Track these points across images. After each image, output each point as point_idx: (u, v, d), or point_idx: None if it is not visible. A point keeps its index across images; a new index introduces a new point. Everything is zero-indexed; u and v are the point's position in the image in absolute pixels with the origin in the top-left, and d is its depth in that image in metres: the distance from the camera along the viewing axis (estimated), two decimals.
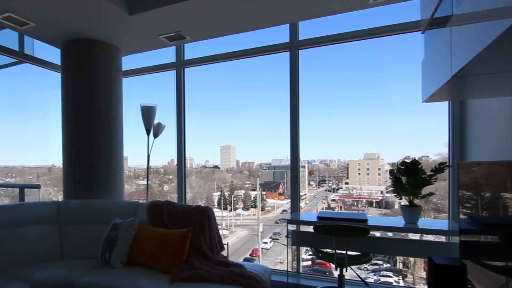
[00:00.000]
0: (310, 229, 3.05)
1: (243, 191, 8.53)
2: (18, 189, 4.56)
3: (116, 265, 2.67)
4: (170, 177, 8.25)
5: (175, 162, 4.37)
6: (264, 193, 8.22)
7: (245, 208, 8.43)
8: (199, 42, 3.84)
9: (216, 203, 8.34)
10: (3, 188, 4.84)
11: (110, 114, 3.80)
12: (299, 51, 3.66)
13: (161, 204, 3.15)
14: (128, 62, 4.33)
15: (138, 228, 2.86)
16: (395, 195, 2.82)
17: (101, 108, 3.74)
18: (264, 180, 8.30)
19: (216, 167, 8.69)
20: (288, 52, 3.67)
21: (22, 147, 5.56)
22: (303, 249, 4.02)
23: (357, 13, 3.10)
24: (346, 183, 7.05)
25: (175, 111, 4.29)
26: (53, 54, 4.15)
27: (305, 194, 7.49)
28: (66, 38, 3.69)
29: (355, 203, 6.79)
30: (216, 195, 8.48)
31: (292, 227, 3.28)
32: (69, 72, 3.78)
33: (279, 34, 3.67)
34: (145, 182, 4.15)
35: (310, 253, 6.14)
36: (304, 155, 3.72)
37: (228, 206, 8.33)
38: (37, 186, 4.65)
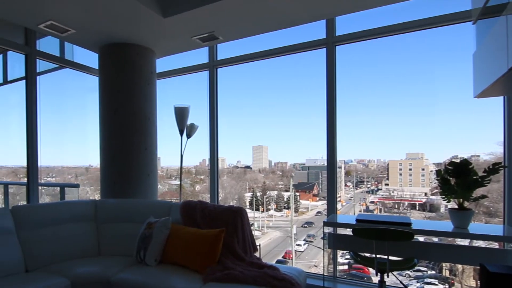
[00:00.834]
0: (348, 232, 3.01)
1: (275, 192, 8.56)
2: (58, 188, 4.94)
3: (151, 263, 2.80)
4: (202, 177, 8.47)
5: (207, 163, 4.49)
6: (297, 194, 8.19)
7: (278, 209, 8.45)
8: (231, 42, 3.92)
9: (248, 204, 8.45)
10: (45, 187, 5.23)
11: (144, 115, 4.00)
12: (336, 47, 3.60)
13: (194, 204, 3.26)
14: (162, 64, 4.55)
15: (171, 227, 2.98)
16: (442, 198, 2.70)
17: (136, 110, 3.95)
18: (298, 180, 8.27)
19: (248, 167, 8.80)
20: (325, 49, 3.63)
21: (61, 148, 5.99)
22: (339, 253, 3.96)
23: (398, 5, 3.01)
24: (386, 184, 6.82)
25: (207, 112, 4.42)
26: (91, 59, 4.48)
27: (339, 196, 7.37)
28: (103, 43, 3.93)
29: (396, 206, 6.56)
30: (248, 195, 8.58)
31: (328, 230, 3.25)
32: (106, 75, 4.02)
33: (315, 30, 3.65)
34: (177, 182, 4.30)
35: (347, 257, 6.06)
36: (341, 155, 3.67)
37: (260, 207, 8.40)
38: (76, 186, 5.01)
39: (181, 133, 4.16)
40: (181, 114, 4.11)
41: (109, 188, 3.93)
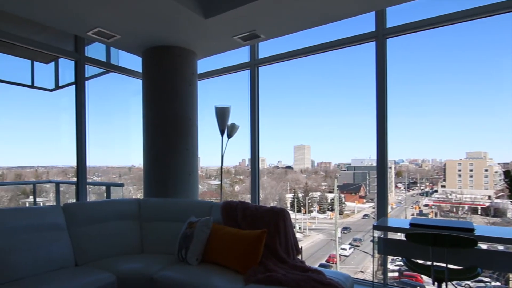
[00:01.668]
0: (399, 236, 2.87)
1: (318, 193, 8.42)
2: (104, 187, 5.29)
3: (192, 262, 2.89)
4: (241, 177, 8.58)
5: (247, 163, 4.54)
6: (342, 195, 7.99)
7: (321, 211, 8.31)
8: (273, 40, 3.94)
9: (289, 205, 8.40)
10: (91, 186, 5.62)
11: (186, 116, 4.16)
12: (387, 40, 3.45)
13: (235, 204, 3.30)
14: (202, 65, 4.68)
15: (212, 227, 3.04)
16: (511, 201, 2.48)
17: (178, 111, 4.11)
18: (343, 181, 8.06)
19: (289, 167, 8.75)
20: (374, 42, 3.50)
21: (107, 148, 6.40)
22: (388, 259, 3.80)
23: None
24: (443, 186, 6.41)
25: (248, 111, 4.47)
26: (134, 63, 4.77)
27: (389, 198, 7.04)
28: (147, 46, 4.15)
29: (454, 210, 6.14)
30: (289, 196, 8.54)
31: (377, 234, 3.13)
32: (149, 78, 4.24)
33: (362, 23, 3.54)
34: (216, 182, 4.40)
35: (398, 263, 5.79)
36: (391, 155, 3.52)
37: (302, 208, 8.32)
38: (121, 185, 5.32)
39: (222, 133, 4.26)
40: (222, 114, 4.21)
41: (151, 187, 4.14)
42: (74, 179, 4.36)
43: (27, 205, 5.86)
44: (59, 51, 4.15)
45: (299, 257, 3.03)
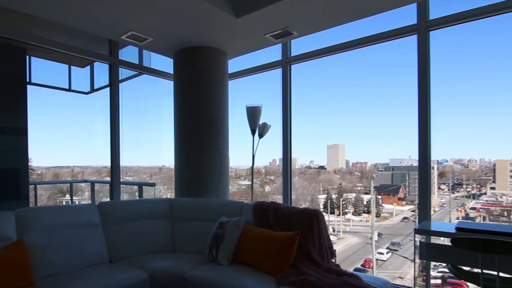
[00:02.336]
0: (442, 241, 2.76)
1: (353, 194, 8.23)
2: (136, 186, 5.52)
3: (223, 262, 2.93)
4: (272, 177, 8.57)
5: (277, 163, 4.55)
6: (379, 197, 7.76)
7: (356, 213, 8.12)
8: (305, 37, 3.90)
9: (321, 206, 8.29)
10: (123, 185, 5.87)
11: (217, 116, 4.25)
12: (430, 32, 3.31)
13: (266, 204, 3.32)
14: (232, 64, 4.74)
15: (243, 227, 3.07)
16: None
17: (208, 112, 4.21)
18: (380, 182, 7.82)
19: (322, 167, 8.61)
20: (416, 35, 3.37)
21: (138, 149, 6.66)
22: (430, 265, 3.66)
23: None
24: (492, 188, 6.05)
25: (280, 110, 4.47)
26: (166, 64, 4.95)
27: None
28: (178, 48, 4.27)
29: (506, 214, 5.77)
30: (321, 197, 8.42)
31: (419, 238, 3.02)
32: (180, 79, 4.36)
33: (401, 16, 3.42)
34: (246, 182, 4.45)
35: (440, 269, 5.53)
36: (434, 154, 3.38)
37: (335, 210, 8.18)
38: (153, 185, 5.55)
39: (253, 133, 4.30)
40: (253, 113, 4.25)
41: (182, 187, 4.27)
42: (107, 178, 4.59)
43: (63, 203, 6.23)
44: (94, 55, 4.41)
45: (334, 260, 2.99)
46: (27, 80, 5.09)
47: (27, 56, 5.05)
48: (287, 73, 4.43)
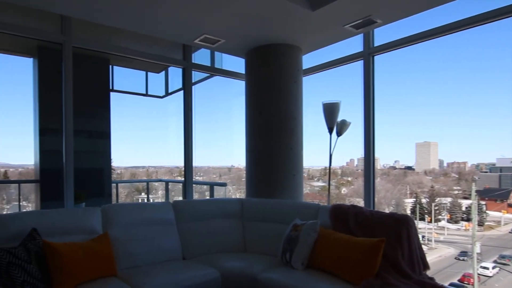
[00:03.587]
0: None
1: (449, 199, 7.57)
2: (205, 186, 5.83)
3: (297, 267, 2.91)
4: (349, 179, 8.27)
5: (355, 163, 4.40)
6: (483, 203, 7.00)
7: (453, 220, 7.46)
8: (389, 25, 3.72)
9: (408, 211, 7.78)
10: (194, 185, 6.24)
11: (290, 114, 4.27)
12: None
13: (346, 208, 3.21)
14: (306, 60, 4.70)
15: (320, 231, 3.02)
16: None
17: (282, 110, 4.26)
18: (484, 186, 7.04)
19: (409, 168, 8.04)
20: None
21: (208, 149, 7.01)
22: None
23: None
24: None
25: (361, 106, 4.24)
26: (237, 65, 5.18)
27: None
28: (250, 47, 4.41)
29: None
30: (408, 202, 7.91)
31: None
32: (252, 78, 4.50)
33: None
34: (320, 184, 4.38)
35: None
36: None
37: (426, 216, 7.61)
38: (224, 184, 5.83)
39: (330, 131, 4.21)
40: (330, 110, 4.15)
41: (254, 187, 4.38)
42: (178, 178, 4.93)
43: (139, 201, 6.87)
44: (170, 60, 4.81)
45: (426, 272, 2.77)
46: (110, 88, 5.81)
47: (110, 66, 5.77)
48: (370, 65, 4.22)
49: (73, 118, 3.90)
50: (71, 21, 3.85)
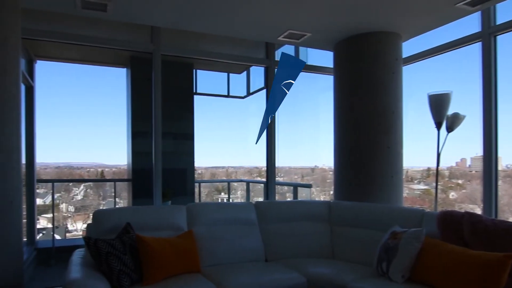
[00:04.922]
0: None
1: None
2: (286, 187, 5.83)
3: (396, 279, 2.72)
4: (460, 181, 7.51)
5: (468, 163, 4.13)
6: None
7: None
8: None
9: None
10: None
11: (387, 109, 4.07)
12: None
13: (459, 215, 2.93)
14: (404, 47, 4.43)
15: (425, 241, 2.81)
16: None
17: (376, 104, 4.09)
18: None
19: None
20: None
21: (291, 149, 7.02)
22: None
23: None
24: None
25: (480, 96, 3.85)
26: (323, 59, 5.14)
27: None
28: (338, 39, 4.33)
29: None
30: None
31: None
32: (342, 71, 4.41)
33: None
34: (421, 187, 4.17)
35: None
36: None
37: None
38: (309, 186, 5.77)
39: (438, 127, 3.92)
40: (438, 102, 3.85)
41: (343, 189, 4.26)
42: (258, 178, 5.01)
43: (219, 200, 7.22)
44: (252, 60, 4.99)
45: None
46: (194, 91, 6.28)
47: (194, 70, 6.23)
48: (491, 47, 3.78)
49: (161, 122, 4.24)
50: (160, 31, 4.20)
